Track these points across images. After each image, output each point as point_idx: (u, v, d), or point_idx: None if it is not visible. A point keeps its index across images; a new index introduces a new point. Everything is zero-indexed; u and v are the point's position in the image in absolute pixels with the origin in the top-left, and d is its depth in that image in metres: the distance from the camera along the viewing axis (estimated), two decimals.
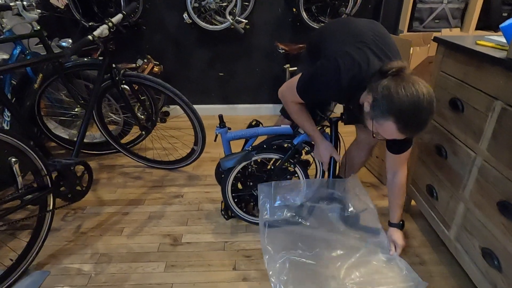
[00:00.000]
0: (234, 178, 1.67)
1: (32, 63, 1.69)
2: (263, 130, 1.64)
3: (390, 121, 1.09)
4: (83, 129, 1.66)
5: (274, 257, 1.44)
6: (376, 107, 1.12)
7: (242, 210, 1.75)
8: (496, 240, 1.16)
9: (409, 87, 1.06)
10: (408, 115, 1.07)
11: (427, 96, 1.07)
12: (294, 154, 1.59)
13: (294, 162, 1.61)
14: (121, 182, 2.15)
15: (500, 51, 1.20)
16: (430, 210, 1.58)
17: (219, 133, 1.66)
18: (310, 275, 1.40)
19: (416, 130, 1.13)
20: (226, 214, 1.80)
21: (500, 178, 1.13)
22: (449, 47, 1.41)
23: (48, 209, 1.50)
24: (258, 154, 1.59)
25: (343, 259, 1.45)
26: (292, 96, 1.39)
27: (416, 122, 1.10)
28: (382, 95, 1.09)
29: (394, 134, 1.13)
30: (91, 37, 1.51)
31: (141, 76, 1.87)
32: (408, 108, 1.06)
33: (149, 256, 1.59)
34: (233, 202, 1.72)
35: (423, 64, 1.71)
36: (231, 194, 1.70)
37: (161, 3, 2.67)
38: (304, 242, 1.52)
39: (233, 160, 1.59)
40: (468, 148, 1.29)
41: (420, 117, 1.09)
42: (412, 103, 1.05)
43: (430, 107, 1.08)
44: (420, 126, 1.11)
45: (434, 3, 2.52)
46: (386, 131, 1.14)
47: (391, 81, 1.09)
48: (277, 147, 1.60)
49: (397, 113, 1.07)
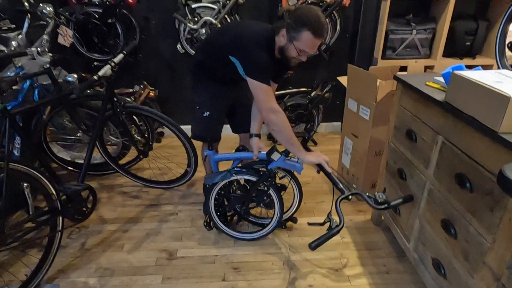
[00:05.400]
0: (220, 194, 1.88)
1: (48, 101, 1.92)
2: (245, 155, 1.84)
3: (305, 31, 1.43)
4: (88, 156, 1.86)
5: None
6: (290, 29, 1.46)
7: (223, 223, 1.96)
8: (442, 252, 1.38)
9: (304, 7, 1.47)
10: (314, 20, 1.42)
11: (315, 9, 1.47)
12: (267, 177, 1.77)
13: (268, 185, 1.80)
14: (121, 201, 2.35)
15: (443, 92, 1.43)
16: (395, 225, 1.80)
17: (207, 154, 1.89)
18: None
19: (323, 30, 1.46)
20: (208, 225, 1.99)
21: (442, 199, 1.36)
22: (405, 85, 1.65)
23: (57, 229, 1.69)
24: (236, 174, 1.80)
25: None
26: (267, 98, 1.54)
27: (321, 23, 1.44)
28: (292, 19, 1.45)
29: (312, 41, 1.45)
30: (96, 77, 1.72)
31: (139, 107, 2.09)
32: (312, 16, 1.43)
33: (147, 269, 1.78)
34: (215, 215, 1.93)
35: (387, 96, 1.96)
36: (214, 207, 1.91)
37: (157, 34, 2.91)
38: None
39: (214, 178, 1.81)
40: (420, 173, 1.53)
41: (322, 20, 1.44)
42: (313, 13, 1.44)
43: (322, 14, 1.46)
44: (324, 26, 1.46)
45: (405, 34, 2.78)
46: (306, 42, 1.46)
47: (290, 12, 1.46)
48: (253, 170, 1.81)
49: (307, 22, 1.42)
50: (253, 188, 1.82)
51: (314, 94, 3.00)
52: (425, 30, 2.78)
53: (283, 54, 1.56)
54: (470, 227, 1.19)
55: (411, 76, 1.68)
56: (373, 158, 2.17)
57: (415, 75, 1.73)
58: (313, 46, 1.49)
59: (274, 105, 1.55)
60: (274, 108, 1.55)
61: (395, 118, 1.75)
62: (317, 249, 1.87)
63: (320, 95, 2.98)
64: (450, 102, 1.29)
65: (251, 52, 1.52)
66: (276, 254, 1.88)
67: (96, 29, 2.69)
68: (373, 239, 1.98)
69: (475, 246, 1.17)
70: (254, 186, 1.82)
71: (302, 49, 1.49)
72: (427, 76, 1.64)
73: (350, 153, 2.38)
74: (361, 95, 2.15)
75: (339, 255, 1.87)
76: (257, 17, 2.84)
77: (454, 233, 1.28)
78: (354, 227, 2.07)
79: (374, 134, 2.10)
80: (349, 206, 2.27)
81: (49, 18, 1.95)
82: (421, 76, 1.66)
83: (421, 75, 1.71)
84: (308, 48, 1.49)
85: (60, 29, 2.02)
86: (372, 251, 1.89)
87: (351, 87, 2.28)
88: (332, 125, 3.41)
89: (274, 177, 1.79)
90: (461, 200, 1.24)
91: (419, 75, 1.71)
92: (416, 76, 1.69)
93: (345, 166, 2.45)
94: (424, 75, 1.71)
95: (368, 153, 2.16)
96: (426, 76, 1.67)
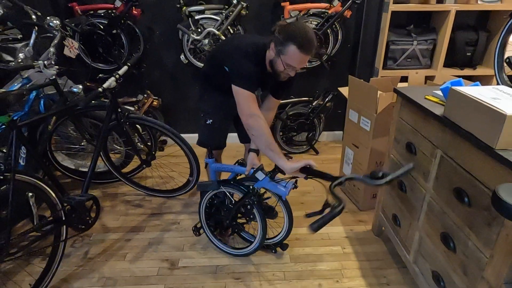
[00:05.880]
0: (213, 204, 1.91)
1: (56, 113, 1.96)
2: (238, 169, 1.80)
3: (291, 45, 1.44)
4: (92, 166, 1.89)
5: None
6: (278, 44, 1.48)
7: (212, 233, 1.98)
8: (441, 265, 1.39)
9: (294, 23, 1.49)
10: (301, 35, 1.43)
11: (303, 24, 1.51)
12: (251, 195, 1.74)
13: (251, 203, 1.76)
14: (123, 209, 2.37)
15: (442, 107, 1.45)
16: (395, 236, 1.81)
17: (207, 162, 1.91)
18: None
19: (310, 46, 1.45)
20: (197, 230, 2.01)
21: (441, 213, 1.37)
22: (404, 98, 1.67)
23: (61, 238, 1.72)
24: (224, 187, 1.81)
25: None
26: (248, 104, 1.54)
27: (308, 39, 1.44)
28: (280, 34, 1.47)
29: (298, 56, 1.46)
30: (101, 89, 1.76)
31: (143, 118, 2.12)
32: (299, 31, 1.44)
33: (149, 279, 1.80)
34: (205, 223, 1.96)
35: (388, 108, 1.98)
36: (205, 216, 1.93)
37: (160, 44, 2.95)
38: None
39: (205, 186, 1.84)
40: (420, 186, 1.54)
41: (309, 35, 1.44)
42: (299, 27, 1.45)
43: (310, 29, 1.47)
44: (311, 42, 1.45)
45: (406, 44, 2.81)
46: (292, 56, 1.46)
47: (281, 27, 1.49)
48: (242, 186, 1.78)
49: (294, 37, 1.43)
50: (238, 204, 1.81)
51: (315, 103, 3.03)
52: (425, 41, 2.80)
53: (273, 68, 1.59)
54: (468, 241, 1.21)
55: (411, 89, 1.70)
56: (374, 168, 2.19)
57: (415, 88, 1.75)
58: (300, 61, 1.49)
59: (254, 110, 1.55)
60: (254, 113, 1.54)
61: (395, 131, 1.77)
62: (318, 260, 1.91)
63: (322, 105, 3.00)
64: (449, 117, 1.31)
65: (237, 61, 1.57)
66: (277, 264, 1.89)
67: (101, 39, 2.74)
68: (374, 250, 1.98)
69: (474, 261, 1.18)
70: (239, 202, 1.81)
71: (288, 64, 1.49)
72: (427, 90, 1.66)
73: (351, 163, 2.39)
74: (362, 106, 2.17)
75: (340, 265, 1.88)
76: (260, 28, 2.88)
77: (453, 246, 1.29)
78: (355, 238, 2.08)
79: (375, 145, 2.12)
80: (349, 216, 2.28)
81: (56, 30, 1.99)
82: (420, 90, 1.68)
83: (421, 88, 1.73)
84: (294, 63, 1.49)
85: (66, 41, 2.06)
86: (372, 262, 1.89)
87: (352, 98, 2.30)
88: (334, 134, 3.43)
89: (258, 197, 1.76)
90: (460, 214, 1.25)
91: (418, 88, 1.73)
92: (415, 89, 1.71)
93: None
94: (424, 88, 1.73)
95: (369, 163, 2.18)
96: (425, 89, 1.69)
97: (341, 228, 2.17)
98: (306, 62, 1.53)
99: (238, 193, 1.81)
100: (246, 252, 1.91)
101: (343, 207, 1.18)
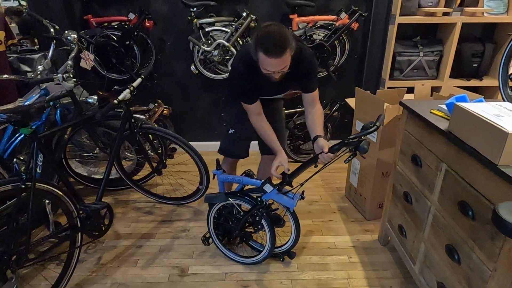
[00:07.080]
0: (221, 214, 1.95)
1: (74, 123, 2.05)
2: (246, 181, 1.85)
3: (259, 52, 1.44)
4: (106, 175, 1.96)
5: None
6: (252, 51, 1.48)
7: (220, 242, 2.02)
8: (446, 277, 1.42)
9: (259, 29, 1.48)
10: (265, 40, 1.41)
11: (274, 26, 1.44)
12: (259, 207, 1.78)
13: (259, 215, 1.81)
14: (135, 216, 2.44)
15: (446, 121, 1.48)
16: (401, 246, 1.84)
17: (215, 173, 1.96)
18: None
19: (276, 49, 1.41)
20: (207, 240, 2.06)
21: (446, 225, 1.41)
22: (410, 111, 1.71)
23: (77, 245, 1.78)
24: (232, 198, 1.84)
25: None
26: (249, 113, 1.75)
27: (272, 43, 1.41)
28: (252, 41, 1.48)
29: (267, 61, 1.44)
30: (116, 101, 1.83)
31: (155, 128, 2.19)
32: (263, 36, 1.42)
33: (160, 286, 1.85)
34: (214, 233, 2.00)
35: (394, 120, 2.02)
36: (213, 226, 1.98)
37: (171, 55, 3.03)
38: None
39: (213, 198, 1.89)
40: (425, 198, 1.58)
41: (274, 38, 1.41)
42: (263, 32, 1.44)
43: (279, 32, 1.42)
44: (277, 45, 1.41)
45: (412, 55, 2.85)
46: (263, 62, 1.46)
47: (253, 34, 1.53)
48: (249, 198, 1.82)
49: (258, 42, 1.43)
50: (247, 215, 1.85)
51: None
52: (432, 52, 2.85)
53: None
54: (472, 254, 1.24)
55: (417, 103, 1.74)
56: (380, 179, 2.22)
57: (421, 102, 1.79)
58: (272, 65, 1.46)
59: (255, 119, 1.76)
60: (256, 119, 1.77)
61: (401, 143, 1.81)
62: (325, 269, 1.94)
63: (329, 114, 3.05)
64: (453, 132, 1.34)
65: (230, 80, 1.77)
66: (285, 273, 1.93)
67: (115, 50, 2.83)
68: (380, 260, 2.01)
69: (478, 273, 1.21)
70: (247, 214, 1.85)
71: (264, 68, 1.51)
72: (432, 103, 1.70)
73: (357, 173, 2.43)
74: (368, 117, 2.21)
75: (347, 275, 1.91)
76: None
77: (458, 259, 1.32)
78: (361, 247, 2.12)
79: (381, 156, 2.16)
80: (356, 226, 2.31)
81: (73, 44, 2.08)
82: (426, 103, 1.72)
83: (427, 102, 1.77)
84: (268, 67, 1.48)
85: (82, 54, 2.14)
86: (378, 272, 1.92)
87: (358, 109, 2.35)
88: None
89: (266, 208, 1.80)
90: (464, 227, 1.29)
91: (424, 102, 1.77)
92: (421, 103, 1.75)
93: (353, 185, 2.51)
94: (429, 102, 1.77)
95: (375, 174, 2.21)
96: (431, 103, 1.73)
97: (348, 238, 2.20)
98: (283, 64, 1.48)
99: (246, 205, 1.85)
100: (255, 260, 1.95)
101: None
